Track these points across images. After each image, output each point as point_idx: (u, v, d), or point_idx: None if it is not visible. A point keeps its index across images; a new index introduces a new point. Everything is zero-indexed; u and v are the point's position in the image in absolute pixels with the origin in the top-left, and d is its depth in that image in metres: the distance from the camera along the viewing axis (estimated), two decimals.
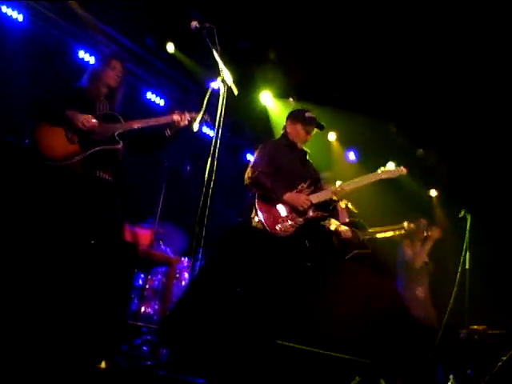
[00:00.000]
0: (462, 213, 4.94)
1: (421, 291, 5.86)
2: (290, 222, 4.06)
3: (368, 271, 3.90)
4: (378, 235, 5.45)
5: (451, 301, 4.74)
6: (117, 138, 3.81)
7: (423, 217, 6.17)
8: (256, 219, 4.08)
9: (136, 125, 3.91)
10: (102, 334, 3.10)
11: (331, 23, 6.17)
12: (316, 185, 4.31)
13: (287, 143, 4.47)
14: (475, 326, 5.92)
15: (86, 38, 6.32)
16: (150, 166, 6.21)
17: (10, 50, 5.66)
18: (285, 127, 4.55)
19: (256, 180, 4.14)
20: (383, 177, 4.50)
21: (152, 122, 3.98)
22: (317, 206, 4.18)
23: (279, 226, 4.03)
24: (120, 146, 3.83)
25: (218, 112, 3.80)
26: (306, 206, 4.09)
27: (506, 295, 6.89)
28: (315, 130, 4.49)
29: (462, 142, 7.47)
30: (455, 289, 4.72)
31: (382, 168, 4.57)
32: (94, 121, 3.75)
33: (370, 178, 4.48)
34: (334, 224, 4.88)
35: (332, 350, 2.77)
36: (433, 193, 8.67)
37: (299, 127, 4.43)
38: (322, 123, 4.46)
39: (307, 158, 4.54)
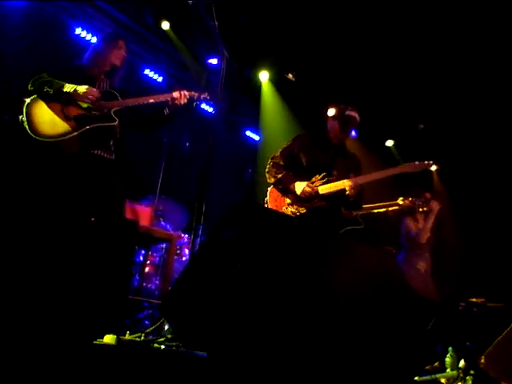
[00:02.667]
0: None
1: (422, 265, 5.86)
2: (291, 210, 4.11)
3: (366, 245, 3.90)
4: (373, 211, 5.39)
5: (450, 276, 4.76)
6: (113, 115, 3.80)
7: (419, 191, 6.11)
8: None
9: (133, 102, 3.89)
10: (105, 310, 3.13)
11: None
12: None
13: (321, 138, 4.39)
14: (474, 299, 5.97)
15: (83, 15, 6.25)
16: (149, 143, 6.20)
17: (7, 27, 5.60)
18: (327, 120, 4.43)
19: (269, 170, 4.32)
20: (404, 170, 4.28)
21: (150, 99, 3.94)
22: (328, 197, 4.12)
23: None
24: (116, 123, 3.81)
25: (217, 88, 3.78)
26: (308, 195, 4.07)
27: (504, 268, 6.95)
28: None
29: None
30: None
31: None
32: (95, 91, 3.75)
33: (387, 172, 4.24)
34: None
35: (331, 324, 2.79)
36: (432, 167, 8.66)
37: (336, 123, 4.32)
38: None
39: (344, 156, 4.37)
